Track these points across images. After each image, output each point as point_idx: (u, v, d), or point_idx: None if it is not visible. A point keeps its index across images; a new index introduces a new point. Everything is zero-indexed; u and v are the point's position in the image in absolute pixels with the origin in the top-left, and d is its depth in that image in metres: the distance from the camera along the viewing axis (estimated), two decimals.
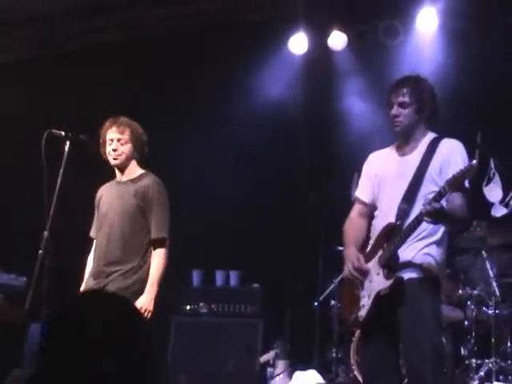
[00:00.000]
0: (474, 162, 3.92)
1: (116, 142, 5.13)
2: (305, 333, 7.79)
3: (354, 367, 6.80)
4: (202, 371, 7.46)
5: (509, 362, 6.57)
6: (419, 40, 8.11)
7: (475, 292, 6.83)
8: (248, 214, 8.46)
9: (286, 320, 8.17)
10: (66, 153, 4.90)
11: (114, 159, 5.14)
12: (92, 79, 8.61)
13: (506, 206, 6.77)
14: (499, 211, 6.83)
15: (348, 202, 7.54)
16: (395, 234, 4.20)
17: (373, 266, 4.27)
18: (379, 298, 4.16)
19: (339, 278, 7.40)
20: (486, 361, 6.58)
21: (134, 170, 5.20)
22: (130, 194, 5.05)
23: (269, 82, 8.31)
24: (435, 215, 3.96)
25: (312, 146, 8.67)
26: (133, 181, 5.13)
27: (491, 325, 6.63)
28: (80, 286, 5.16)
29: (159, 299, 4.93)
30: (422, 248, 4.20)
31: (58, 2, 8.51)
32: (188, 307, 7.99)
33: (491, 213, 6.85)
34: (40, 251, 4.67)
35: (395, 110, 4.39)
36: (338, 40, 8.39)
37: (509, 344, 6.65)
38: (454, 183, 3.92)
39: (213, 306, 7.95)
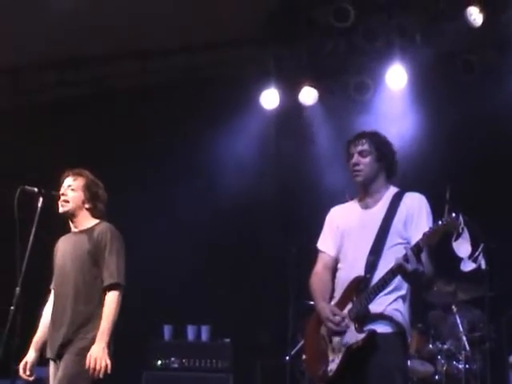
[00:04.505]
0: (454, 215, 3.92)
1: (67, 187, 5.04)
2: None
3: None
4: None
5: None
6: (389, 96, 8.27)
7: (445, 346, 6.87)
8: (218, 268, 8.47)
9: (257, 374, 8.13)
10: (38, 209, 4.87)
11: (62, 206, 4.99)
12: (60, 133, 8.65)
13: (475, 261, 6.81)
14: (468, 266, 6.83)
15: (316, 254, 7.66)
16: (364, 286, 4.17)
17: None
18: (350, 352, 4.11)
19: None
20: None
21: (87, 220, 5.03)
22: (84, 243, 4.91)
23: (240, 137, 8.40)
24: (412, 274, 3.95)
25: (283, 201, 8.74)
26: (86, 231, 4.97)
27: (461, 379, 6.66)
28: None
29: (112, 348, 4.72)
30: (390, 302, 4.17)
31: (27, 55, 8.54)
32: (159, 362, 7.93)
33: (460, 268, 6.89)
34: (11, 307, 4.62)
35: (355, 159, 4.36)
36: (308, 95, 8.52)
37: None
38: (433, 236, 3.95)
39: (184, 360, 7.90)
